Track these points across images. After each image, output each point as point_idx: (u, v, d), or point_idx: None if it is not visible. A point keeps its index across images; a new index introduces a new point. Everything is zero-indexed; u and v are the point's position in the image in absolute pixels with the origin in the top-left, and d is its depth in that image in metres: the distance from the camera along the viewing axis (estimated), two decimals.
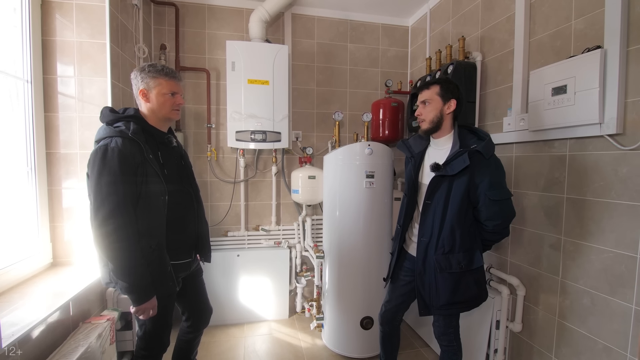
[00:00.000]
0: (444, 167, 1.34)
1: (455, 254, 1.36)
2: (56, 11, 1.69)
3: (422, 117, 1.42)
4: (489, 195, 1.29)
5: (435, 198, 1.37)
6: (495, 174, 1.31)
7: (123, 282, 1.16)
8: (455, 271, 1.36)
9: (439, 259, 1.37)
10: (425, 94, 1.41)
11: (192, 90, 2.54)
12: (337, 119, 2.33)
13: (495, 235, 1.40)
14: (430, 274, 1.40)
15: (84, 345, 1.38)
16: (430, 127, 1.41)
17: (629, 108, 1.26)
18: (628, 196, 1.26)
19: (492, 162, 1.31)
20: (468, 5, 2.14)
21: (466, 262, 1.36)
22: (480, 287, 1.43)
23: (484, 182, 1.29)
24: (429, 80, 1.43)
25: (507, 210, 1.34)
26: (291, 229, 2.74)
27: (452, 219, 1.35)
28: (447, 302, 1.39)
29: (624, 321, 1.28)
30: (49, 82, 1.69)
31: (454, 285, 1.38)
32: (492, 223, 1.34)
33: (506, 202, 1.33)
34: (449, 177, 1.34)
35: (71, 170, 1.74)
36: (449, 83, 1.40)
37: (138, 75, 1.29)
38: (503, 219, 1.34)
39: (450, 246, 1.36)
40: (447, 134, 1.42)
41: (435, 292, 1.40)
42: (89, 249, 1.74)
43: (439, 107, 1.38)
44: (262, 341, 2.34)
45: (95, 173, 1.14)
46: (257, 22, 2.41)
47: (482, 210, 1.33)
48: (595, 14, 1.38)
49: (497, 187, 1.30)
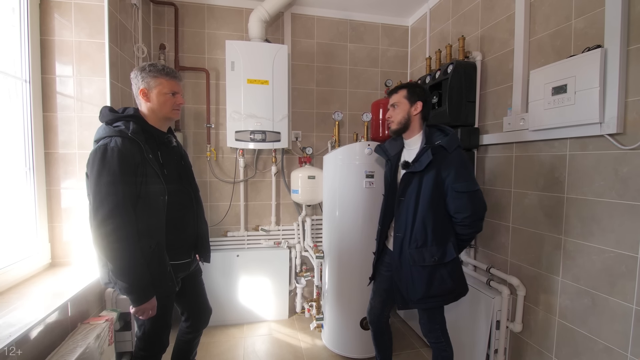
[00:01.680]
0: (412, 164, 1.43)
1: (428, 248, 1.42)
2: (55, 10, 1.68)
3: (391, 119, 1.53)
4: (454, 188, 1.36)
5: (408, 194, 1.45)
6: (459, 167, 1.37)
7: (122, 283, 1.16)
8: (428, 264, 1.42)
9: (413, 253, 1.43)
10: (393, 98, 1.52)
11: (191, 90, 2.54)
12: (337, 119, 2.32)
13: (466, 229, 1.43)
14: (406, 268, 1.46)
15: (82, 346, 1.38)
16: (398, 127, 1.51)
17: (630, 107, 1.25)
18: (629, 196, 1.26)
19: (455, 156, 1.38)
20: (468, 4, 2.13)
21: (439, 256, 1.41)
22: (456, 281, 1.46)
23: (449, 176, 1.36)
24: (397, 85, 1.54)
25: (476, 203, 1.38)
26: (291, 229, 2.74)
27: (423, 213, 1.41)
28: (423, 295, 1.44)
29: (625, 321, 1.28)
30: (47, 81, 1.69)
31: (428, 279, 1.43)
32: (460, 215, 1.39)
33: (473, 194, 1.37)
34: (418, 173, 1.41)
35: (70, 170, 1.73)
36: (415, 87, 1.50)
37: (139, 74, 1.28)
38: (472, 212, 1.38)
39: (423, 240, 1.42)
40: (416, 134, 1.51)
41: (411, 285, 1.46)
42: (87, 250, 1.74)
43: (406, 109, 1.48)
44: (262, 342, 2.34)
45: (95, 173, 1.13)
46: (256, 22, 2.40)
47: (450, 203, 1.40)
48: (595, 13, 1.37)
49: (462, 179, 1.36)
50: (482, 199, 1.40)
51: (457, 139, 1.42)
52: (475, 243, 2.07)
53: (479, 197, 1.39)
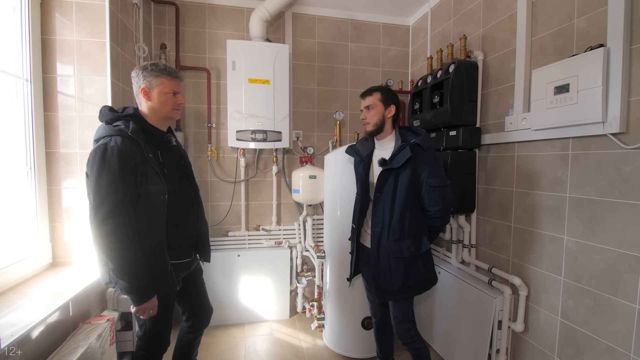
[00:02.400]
0: (390, 162, 1.48)
1: (405, 240, 1.49)
2: (56, 10, 1.68)
3: (367, 120, 1.58)
4: (429, 183, 1.45)
5: (384, 190, 1.51)
6: (434, 163, 1.47)
7: (123, 282, 1.16)
8: (405, 256, 1.49)
9: (391, 246, 1.50)
10: (368, 100, 1.57)
11: (192, 89, 2.54)
12: (338, 119, 2.32)
13: (437, 221, 1.53)
14: (384, 261, 1.52)
15: (84, 346, 1.37)
16: (374, 129, 1.57)
17: (632, 107, 1.25)
18: (632, 195, 1.25)
19: (430, 153, 1.47)
20: (469, 4, 2.13)
21: (415, 247, 1.49)
22: (429, 271, 1.56)
23: (425, 172, 1.45)
24: (370, 88, 1.59)
25: (447, 196, 1.49)
26: (292, 228, 2.73)
27: (400, 208, 1.48)
28: (401, 286, 1.51)
29: (628, 321, 1.27)
30: (48, 81, 1.69)
31: (405, 270, 1.50)
32: (434, 208, 1.48)
33: (445, 188, 1.48)
34: (395, 170, 1.48)
35: (71, 170, 1.73)
36: (388, 91, 1.58)
37: (140, 73, 1.28)
38: (444, 204, 1.48)
39: (401, 233, 1.49)
40: (389, 135, 1.58)
41: (389, 277, 1.52)
42: (88, 249, 1.73)
43: (381, 112, 1.55)
44: (263, 341, 2.34)
45: (95, 172, 1.13)
46: (257, 22, 2.40)
47: (425, 197, 1.48)
48: (597, 12, 1.37)
49: (436, 175, 1.46)
50: (451, 193, 1.51)
51: (430, 138, 1.52)
52: (475, 242, 2.06)
53: (449, 191, 1.50)
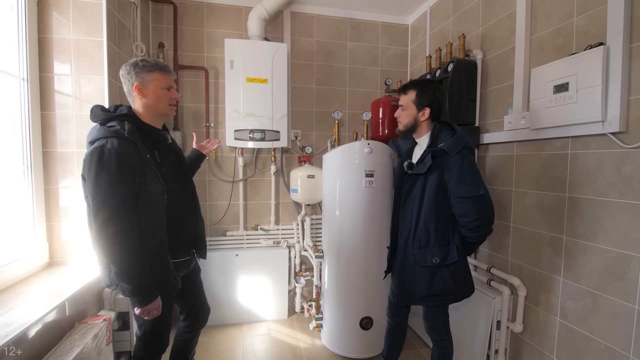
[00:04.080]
0: (417, 166, 1.42)
1: (430, 249, 1.42)
2: (53, 8, 1.67)
3: (399, 119, 1.52)
4: (456, 192, 1.34)
5: (413, 194, 1.45)
6: (461, 171, 1.32)
7: (127, 285, 1.14)
8: (429, 265, 1.42)
9: (416, 253, 1.44)
10: (402, 99, 1.50)
11: (190, 88, 2.53)
12: (337, 118, 2.31)
13: (471, 232, 1.38)
14: (410, 266, 1.47)
15: (80, 346, 1.37)
16: (405, 130, 1.50)
17: (632, 106, 1.24)
18: (631, 195, 1.24)
19: (458, 159, 1.33)
20: (468, 2, 2.12)
21: (441, 257, 1.41)
22: (459, 282, 1.43)
23: (452, 180, 1.34)
24: (407, 84, 1.50)
25: (481, 208, 1.33)
26: (290, 228, 2.72)
27: (425, 214, 1.41)
28: (425, 294, 1.45)
29: (627, 322, 1.26)
30: (45, 80, 1.68)
31: (429, 278, 1.43)
32: (464, 219, 1.36)
33: (477, 199, 1.31)
34: (422, 174, 1.40)
35: (68, 169, 1.72)
36: (425, 90, 1.43)
37: (131, 70, 1.24)
38: (476, 217, 1.33)
39: (425, 241, 1.42)
40: (425, 134, 1.49)
41: (414, 283, 1.47)
42: (86, 249, 1.73)
43: (413, 115, 1.46)
44: (261, 341, 2.33)
45: (93, 175, 1.11)
46: (256, 21, 2.39)
47: (454, 206, 1.38)
48: (597, 10, 1.36)
49: (465, 184, 1.32)
50: (488, 204, 1.34)
51: (464, 140, 1.36)
52: None
53: (484, 202, 1.33)
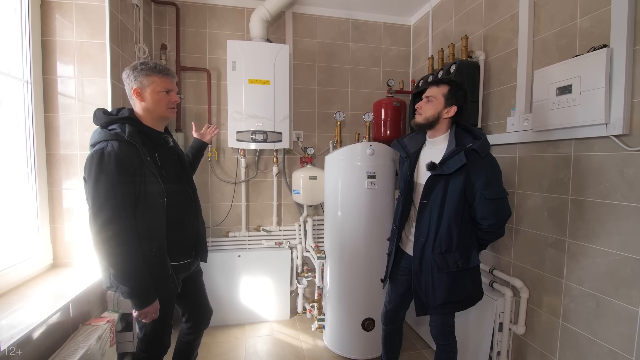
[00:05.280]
0: (440, 166, 1.34)
1: (452, 254, 1.37)
2: (56, 11, 1.68)
3: (420, 110, 1.43)
4: (484, 194, 1.30)
5: (432, 198, 1.38)
6: (491, 172, 1.32)
7: (124, 287, 1.15)
8: (452, 270, 1.37)
9: (437, 259, 1.37)
10: (432, 91, 1.41)
11: (192, 90, 2.53)
12: (339, 119, 2.31)
13: (489, 235, 1.40)
14: (427, 273, 1.41)
15: (84, 348, 1.38)
16: (424, 123, 1.42)
17: (636, 108, 1.23)
18: (635, 198, 1.24)
19: (488, 161, 1.32)
20: (471, 3, 2.11)
21: (463, 261, 1.37)
22: (476, 286, 1.44)
23: (479, 181, 1.30)
24: (441, 78, 1.43)
25: (503, 210, 1.34)
26: (292, 229, 2.73)
27: (449, 218, 1.35)
28: (444, 301, 1.40)
29: (630, 325, 1.26)
30: (48, 82, 1.69)
31: (450, 285, 1.39)
32: (487, 222, 1.34)
33: (502, 201, 1.33)
34: (445, 176, 1.34)
35: (71, 171, 1.73)
36: (458, 88, 1.39)
37: (130, 74, 1.25)
38: (498, 218, 1.34)
39: (448, 246, 1.37)
40: (443, 134, 1.43)
41: (432, 291, 1.41)
42: (89, 250, 1.74)
43: (438, 109, 1.39)
44: (263, 342, 2.34)
45: (93, 178, 1.12)
46: (257, 22, 2.39)
47: (477, 209, 1.33)
48: (601, 12, 1.35)
49: (493, 185, 1.31)
50: (508, 206, 1.36)
51: (489, 144, 1.35)
52: None
53: (506, 204, 1.34)
